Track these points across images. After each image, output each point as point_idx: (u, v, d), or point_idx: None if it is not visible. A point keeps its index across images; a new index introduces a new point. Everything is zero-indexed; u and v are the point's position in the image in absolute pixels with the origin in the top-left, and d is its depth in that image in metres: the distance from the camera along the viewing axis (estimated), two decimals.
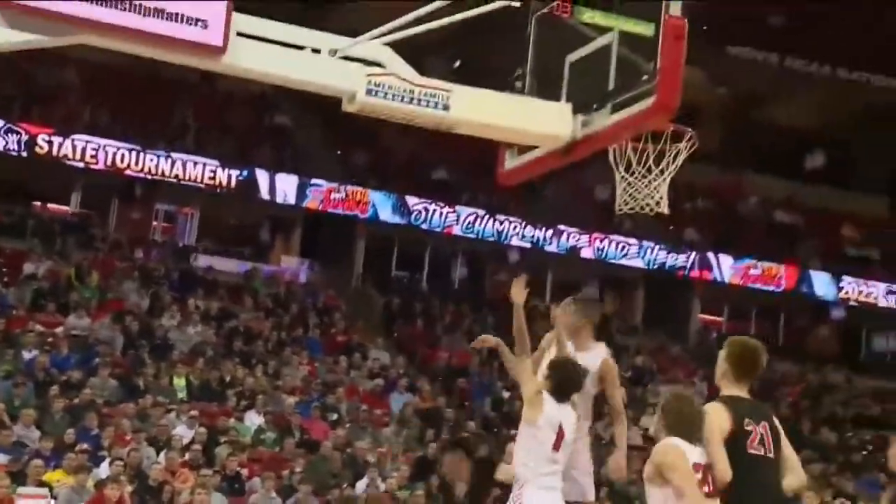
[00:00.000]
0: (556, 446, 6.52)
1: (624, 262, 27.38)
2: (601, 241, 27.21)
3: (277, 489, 13.97)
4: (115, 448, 14.03)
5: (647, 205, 8.19)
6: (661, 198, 8.24)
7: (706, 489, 5.65)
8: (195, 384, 17.60)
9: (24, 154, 22.52)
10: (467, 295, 26.56)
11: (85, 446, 13.56)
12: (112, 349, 18.26)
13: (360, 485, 14.78)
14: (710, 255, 27.80)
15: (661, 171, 8.06)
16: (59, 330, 18.24)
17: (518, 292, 6.99)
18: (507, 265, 27.76)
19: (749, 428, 5.60)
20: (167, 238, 25.69)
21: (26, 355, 16.89)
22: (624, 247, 27.30)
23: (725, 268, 27.90)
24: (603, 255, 27.29)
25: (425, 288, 26.93)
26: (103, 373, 16.76)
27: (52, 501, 12.22)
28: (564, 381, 6.88)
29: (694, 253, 27.73)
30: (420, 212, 25.78)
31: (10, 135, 22.37)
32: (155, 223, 25.96)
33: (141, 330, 19.25)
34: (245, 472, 14.38)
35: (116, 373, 17.10)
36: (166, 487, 13.05)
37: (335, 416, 17.79)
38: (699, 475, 5.68)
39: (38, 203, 24.53)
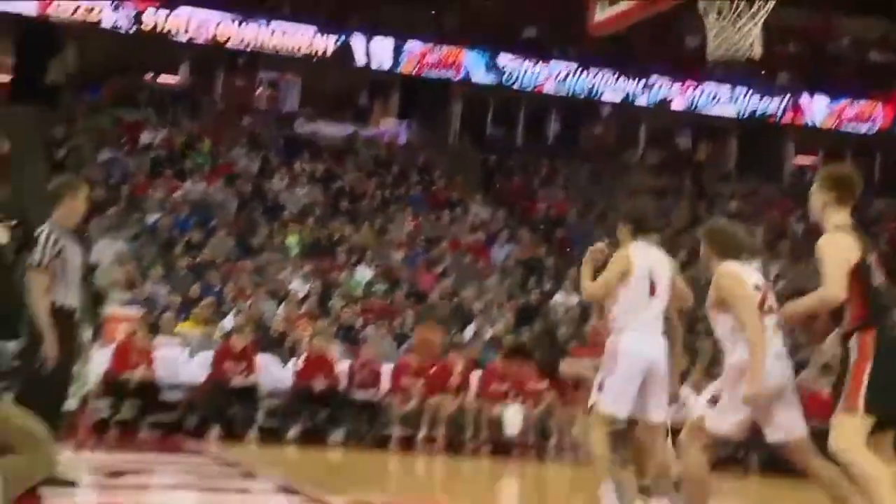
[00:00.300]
0: (653, 291, 6.48)
1: (715, 110, 26.92)
2: (693, 90, 26.73)
3: (392, 336, 14.50)
4: (238, 302, 14.67)
5: (739, 49, 8.06)
6: (752, 42, 8.10)
7: (766, 306, 5.76)
8: (306, 242, 18.15)
9: (133, 30, 22.90)
10: (562, 149, 26.52)
11: (210, 300, 14.19)
12: (227, 211, 18.87)
13: (468, 331, 15.20)
14: (803, 97, 27.15)
15: (752, 15, 7.92)
16: (178, 194, 18.87)
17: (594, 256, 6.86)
18: (599, 119, 27.57)
19: (871, 259, 5.49)
20: (271, 105, 26.05)
21: (150, 218, 17.60)
22: (715, 95, 26.81)
23: (819, 110, 27.25)
24: (694, 106, 26.85)
25: (520, 144, 26.95)
26: (221, 233, 17.38)
27: (185, 349, 12.91)
28: (640, 213, 6.87)
29: (787, 97, 27.09)
30: (511, 71, 25.58)
31: (118, 10, 22.73)
32: (259, 91, 26.32)
33: (252, 192, 19.82)
34: (359, 321, 14.90)
35: (233, 233, 17.71)
36: (287, 337, 13.65)
37: (441, 268, 18.20)
38: (760, 294, 5.82)
39: (149, 75, 25.02)
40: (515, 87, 25.62)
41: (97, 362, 12.22)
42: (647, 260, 6.54)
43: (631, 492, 6.62)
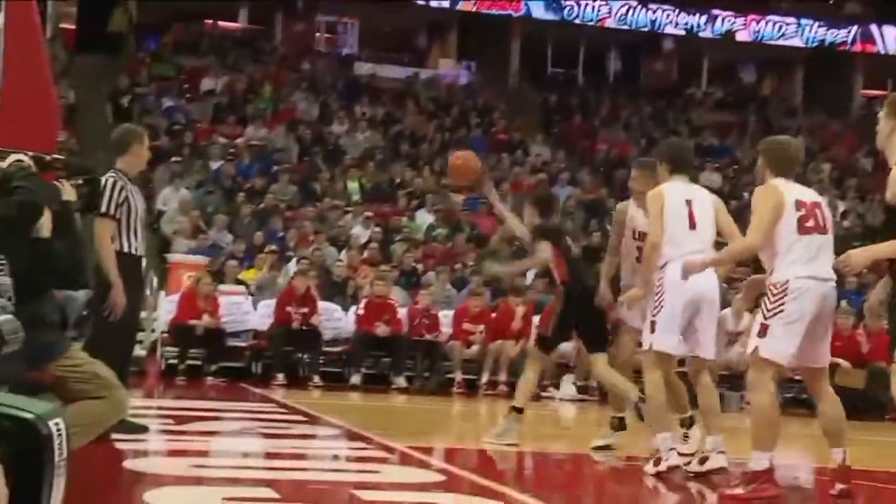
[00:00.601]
0: (692, 224, 6.28)
1: (782, 41, 26.30)
2: (757, 23, 26.13)
3: (451, 281, 14.51)
4: (300, 248, 14.77)
5: None
6: None
7: (810, 223, 5.66)
8: (367, 186, 18.18)
9: None
10: (623, 87, 26.16)
11: (273, 247, 14.32)
12: (289, 157, 18.96)
13: (530, 274, 15.13)
14: (874, 27, 26.39)
15: None
16: (240, 141, 18.99)
17: None
18: (661, 54, 27.09)
19: None
20: (330, 48, 26.00)
21: (213, 165, 17.73)
22: (781, 26, 26.19)
23: (890, 39, 26.48)
24: (759, 37, 26.26)
25: (581, 83, 26.61)
26: (283, 179, 17.47)
27: (249, 297, 13.05)
28: (676, 152, 6.73)
29: (855, 27, 26.35)
30: (572, 6, 25.20)
31: None
32: (318, 34, 26.27)
33: (313, 137, 19.86)
34: (420, 266, 14.92)
35: (295, 179, 17.79)
36: (349, 283, 13.72)
37: None
38: (802, 212, 5.67)
39: (210, 22, 25.08)
40: (577, 21, 25.27)
41: (164, 310, 12.42)
42: (681, 194, 6.36)
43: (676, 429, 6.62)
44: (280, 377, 11.96)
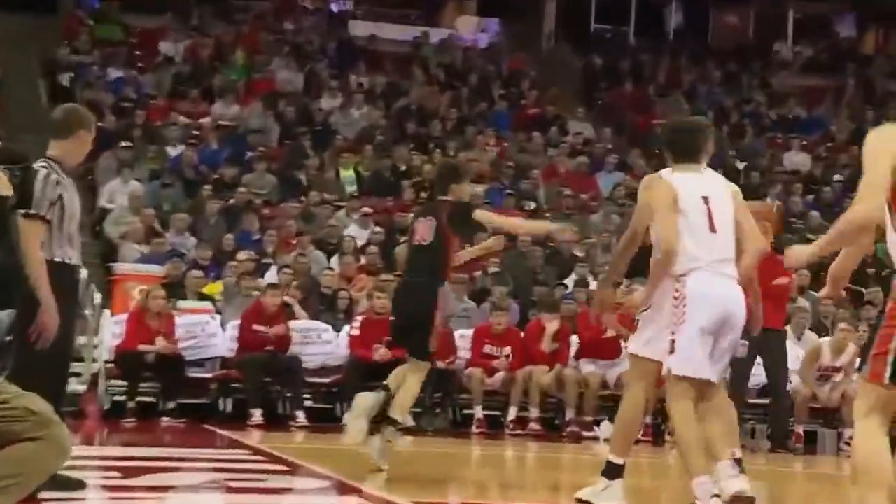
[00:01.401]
0: (712, 226, 6.46)
1: None
2: None
3: (470, 293, 14.49)
4: (280, 254, 14.81)
5: None
6: None
7: None
8: (365, 175, 18.23)
9: None
10: (686, 46, 26.15)
11: (247, 253, 14.34)
12: (267, 139, 19.05)
13: (568, 282, 15.16)
14: None
15: None
16: (206, 120, 19.09)
17: None
18: (734, 4, 27.08)
19: None
20: (318, 4, 26.09)
21: (171, 151, 17.84)
22: None
23: None
24: None
25: (632, 42, 26.63)
26: (259, 167, 17.57)
27: (216, 317, 13.09)
28: (677, 137, 6.80)
29: None
30: None
31: None
32: None
33: (298, 115, 19.95)
34: None
35: (274, 167, 17.87)
36: (341, 294, 13.74)
37: (533, 204, 18.14)
38: None
39: None
40: None
41: (107, 334, 12.48)
42: (692, 186, 6.54)
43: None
44: (255, 416, 12.00)
